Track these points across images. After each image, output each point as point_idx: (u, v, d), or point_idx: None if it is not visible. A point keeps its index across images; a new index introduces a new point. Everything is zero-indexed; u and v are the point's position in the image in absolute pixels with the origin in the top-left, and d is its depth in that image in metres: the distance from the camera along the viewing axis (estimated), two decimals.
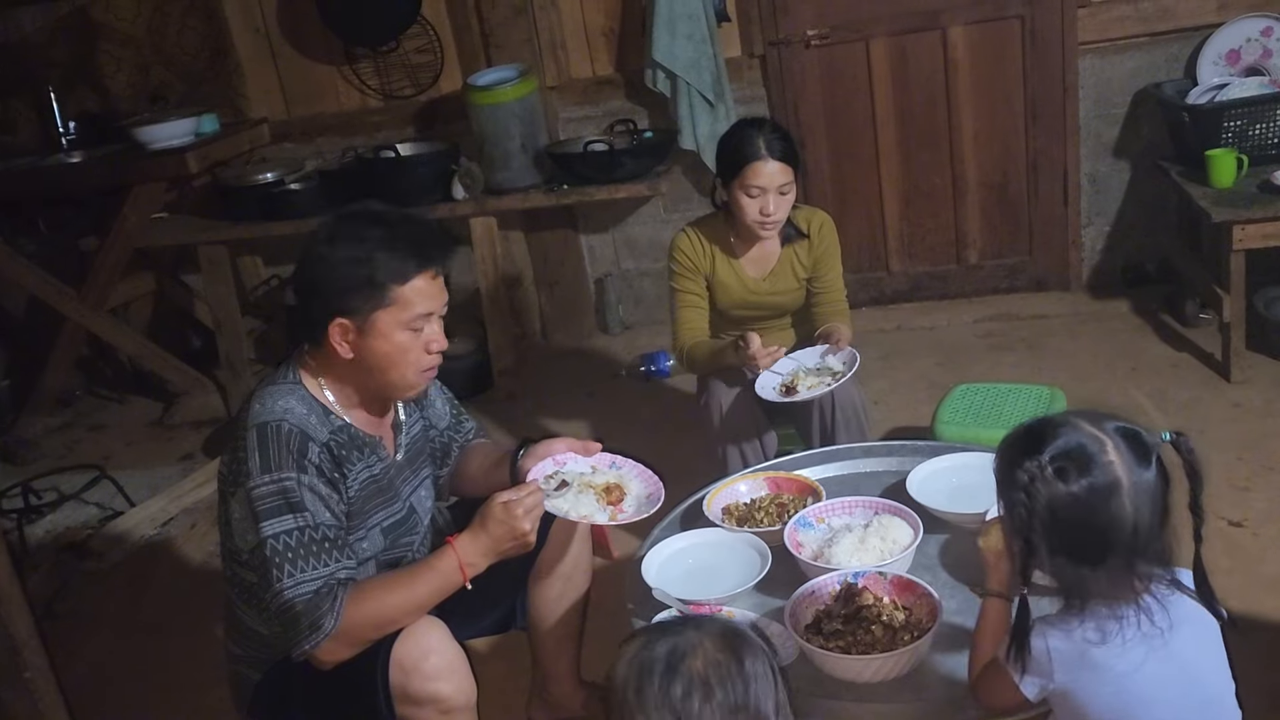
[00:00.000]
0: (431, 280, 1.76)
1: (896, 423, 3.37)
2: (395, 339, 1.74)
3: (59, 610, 2.93)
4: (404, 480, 1.93)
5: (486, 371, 4.05)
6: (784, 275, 2.74)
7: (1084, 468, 1.30)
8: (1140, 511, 1.30)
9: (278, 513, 1.66)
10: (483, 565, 1.73)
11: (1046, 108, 3.88)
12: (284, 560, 1.65)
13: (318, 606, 1.64)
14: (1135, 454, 1.31)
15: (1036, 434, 1.35)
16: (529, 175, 3.86)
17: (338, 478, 1.76)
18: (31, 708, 1.52)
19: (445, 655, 1.71)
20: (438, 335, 1.79)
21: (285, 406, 1.74)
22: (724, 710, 1.09)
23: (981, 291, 4.17)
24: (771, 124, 2.61)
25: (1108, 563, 1.32)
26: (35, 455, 4.04)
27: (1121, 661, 1.32)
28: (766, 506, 2.10)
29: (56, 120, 4.36)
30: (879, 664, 1.61)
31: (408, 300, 1.73)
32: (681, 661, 1.11)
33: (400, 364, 1.76)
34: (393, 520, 1.89)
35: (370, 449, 1.84)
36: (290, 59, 4.34)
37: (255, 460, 1.68)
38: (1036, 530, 1.32)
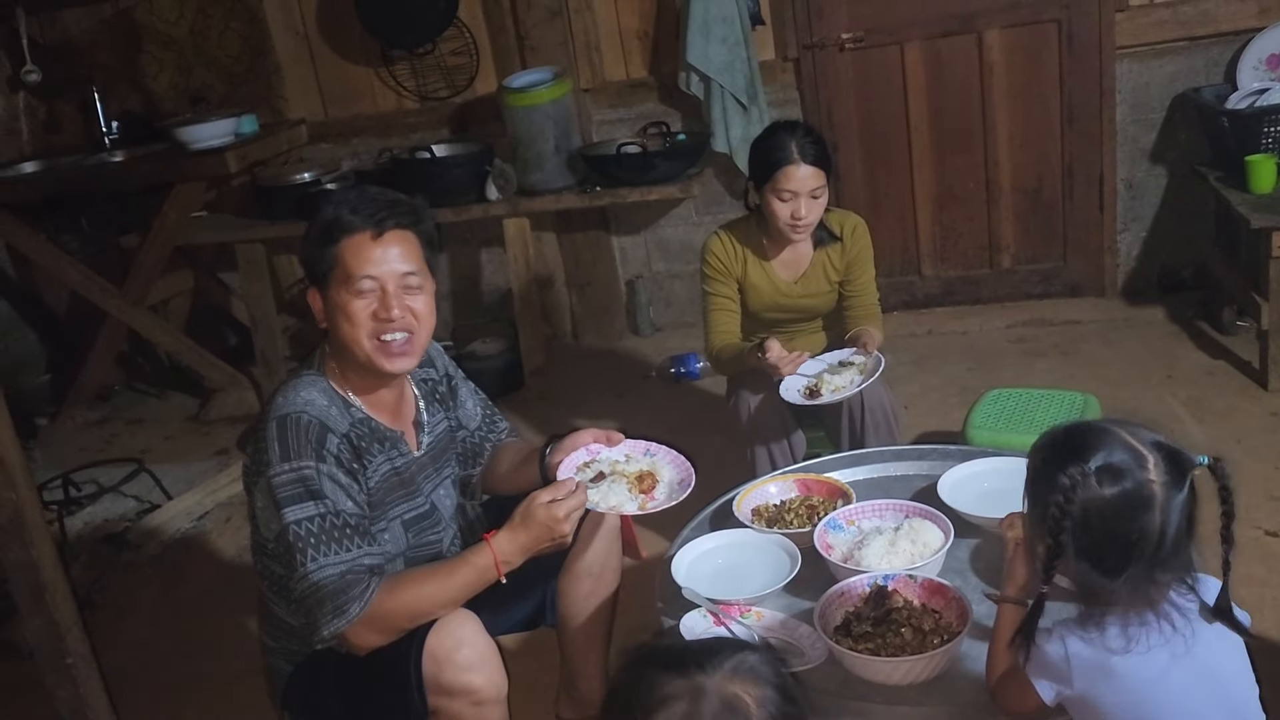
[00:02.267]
0: (375, 241, 1.75)
1: (927, 427, 3.35)
2: (345, 306, 1.75)
3: (96, 600, 2.99)
4: (426, 477, 1.95)
5: (517, 371, 4.08)
6: (816, 278, 2.74)
7: (1124, 481, 1.31)
8: (1168, 528, 1.31)
9: (299, 499, 1.68)
10: (517, 562, 1.76)
11: (1083, 112, 3.85)
12: (307, 545, 1.67)
13: (344, 591, 1.66)
14: (1173, 474, 1.32)
15: (1081, 440, 1.36)
16: (562, 177, 3.88)
17: (357, 468, 1.78)
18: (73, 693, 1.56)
19: (478, 647, 1.73)
20: (390, 305, 1.75)
21: (307, 398, 1.76)
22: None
23: (1015, 296, 4.14)
24: (805, 128, 2.61)
25: (1127, 573, 1.33)
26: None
27: (1144, 669, 1.32)
28: (796, 508, 2.10)
29: (100, 120, 4.45)
30: (908, 666, 1.61)
31: (345, 261, 1.74)
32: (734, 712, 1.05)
33: (355, 335, 1.76)
34: (414, 514, 1.90)
35: (391, 443, 1.86)
36: (328, 61, 4.39)
37: (275, 450, 1.71)
38: (1066, 533, 1.33)
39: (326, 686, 1.83)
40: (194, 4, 4.39)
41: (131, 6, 4.44)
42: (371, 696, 1.77)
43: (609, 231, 4.36)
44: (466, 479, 2.12)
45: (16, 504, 1.46)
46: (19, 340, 4.66)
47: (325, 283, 1.77)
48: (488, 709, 1.75)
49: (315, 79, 4.44)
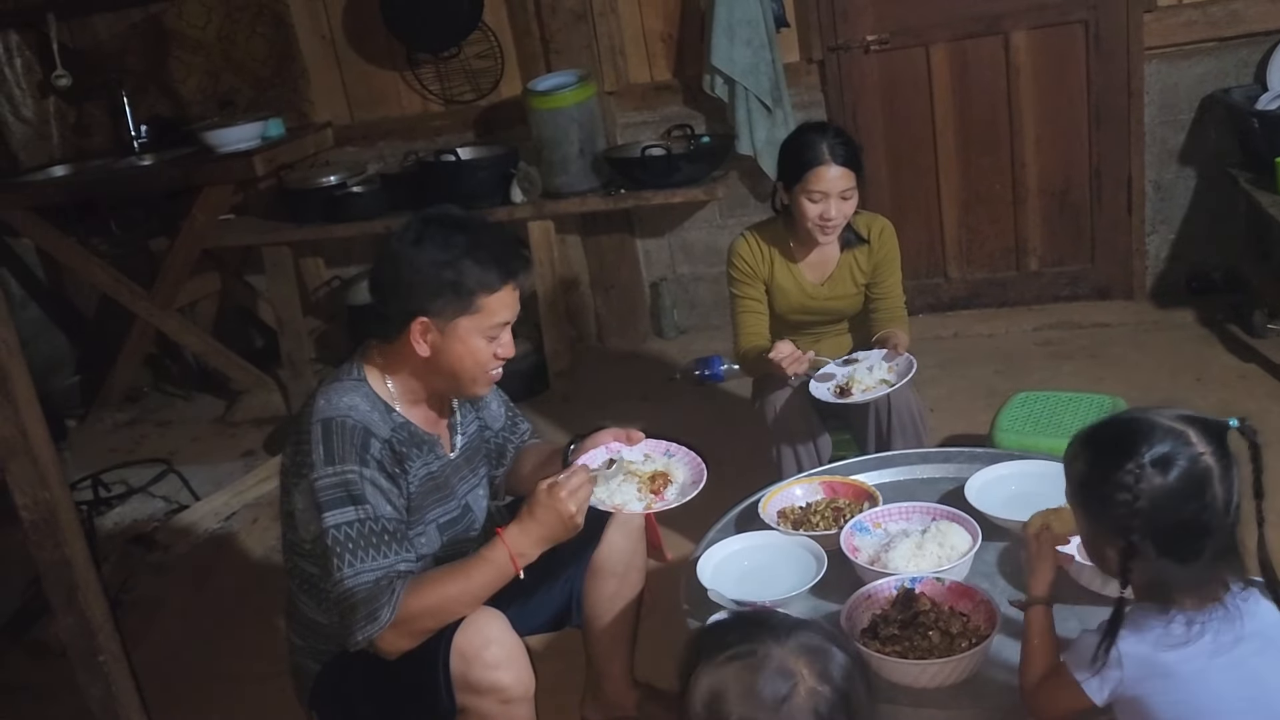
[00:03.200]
0: (512, 292, 1.81)
1: (954, 430, 3.33)
2: (472, 344, 1.79)
3: (125, 599, 3.01)
4: (461, 479, 1.97)
5: (542, 374, 4.09)
6: (843, 280, 2.73)
7: (1180, 463, 1.30)
8: (1227, 498, 1.31)
9: (340, 504, 1.70)
10: (534, 553, 1.76)
11: (1110, 113, 3.82)
12: (344, 550, 1.69)
13: (376, 597, 1.68)
14: (1216, 442, 1.32)
15: (1122, 435, 1.35)
16: (587, 179, 3.89)
17: (398, 473, 1.80)
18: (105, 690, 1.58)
19: (505, 645, 1.75)
20: (508, 342, 1.85)
21: (350, 403, 1.78)
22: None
23: (1042, 299, 4.11)
24: (836, 129, 2.61)
25: (1203, 556, 1.32)
26: None
27: (1190, 665, 1.31)
28: (822, 511, 2.10)
29: (129, 124, 4.50)
30: (935, 669, 1.60)
31: (492, 309, 1.78)
32: (784, 701, 1.09)
33: (472, 367, 1.82)
34: (449, 518, 1.92)
35: (429, 447, 1.88)
36: (354, 64, 4.42)
37: (319, 453, 1.73)
38: (1139, 530, 1.31)
39: (354, 685, 1.84)
40: (222, 9, 4.43)
41: (160, 12, 4.48)
42: (400, 695, 1.78)
43: (633, 234, 4.36)
44: (490, 480, 2.13)
45: (50, 503, 1.48)
46: (49, 342, 4.72)
47: (450, 319, 1.77)
48: (515, 707, 1.76)
49: (341, 82, 4.46)
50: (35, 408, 1.45)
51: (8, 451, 1.44)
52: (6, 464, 1.45)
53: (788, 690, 1.08)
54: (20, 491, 1.47)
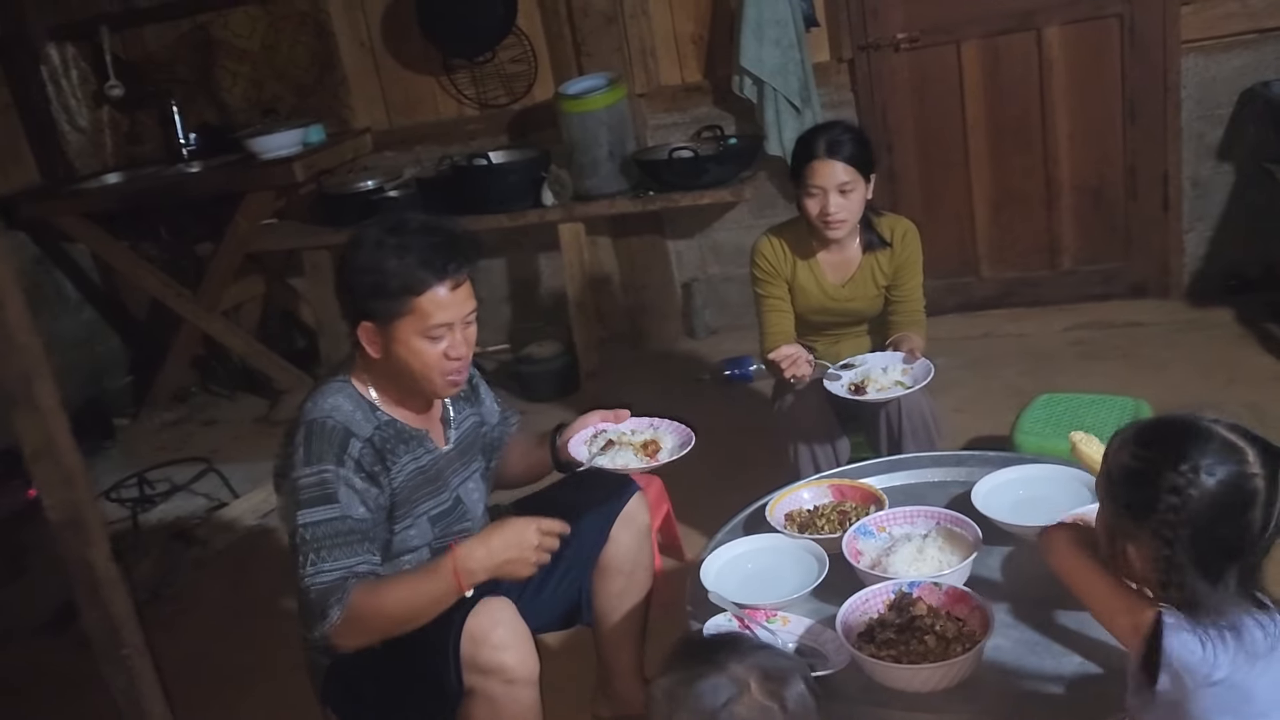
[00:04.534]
0: (450, 291, 1.79)
1: (978, 431, 3.32)
2: (413, 345, 1.81)
3: (166, 593, 3.14)
4: (454, 471, 2.01)
5: (573, 374, 4.15)
6: (864, 282, 2.74)
7: (1233, 478, 1.27)
8: (1269, 524, 1.28)
9: (314, 502, 1.77)
10: (480, 574, 1.77)
11: (1146, 109, 3.77)
12: (310, 549, 1.75)
13: (328, 595, 1.73)
14: (1271, 465, 1.29)
15: (1176, 437, 1.32)
16: (616, 182, 3.93)
17: (379, 471, 1.85)
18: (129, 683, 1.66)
19: (512, 628, 1.80)
20: (459, 342, 1.83)
21: (334, 404, 1.84)
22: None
23: (1075, 298, 4.07)
24: (841, 126, 2.63)
25: (1227, 576, 1.30)
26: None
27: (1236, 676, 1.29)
28: (828, 514, 2.12)
29: (178, 132, 4.64)
30: (928, 674, 1.62)
31: (424, 310, 1.78)
32: (728, 704, 1.13)
33: (421, 369, 1.84)
34: (440, 510, 1.97)
35: (417, 442, 1.93)
36: (392, 71, 4.51)
37: (301, 453, 1.80)
38: (1181, 537, 1.28)
39: (364, 675, 1.90)
40: (266, 18, 4.54)
41: (207, 22, 4.61)
42: (409, 680, 1.84)
43: (664, 235, 4.39)
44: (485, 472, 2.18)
45: (75, 503, 1.56)
46: (104, 344, 4.89)
47: (387, 322, 1.79)
48: (519, 688, 1.81)
49: (380, 88, 4.56)
50: (60, 413, 1.53)
51: (34, 455, 1.53)
52: (34, 467, 1.53)
53: (730, 696, 1.11)
54: (47, 492, 1.55)
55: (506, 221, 4.03)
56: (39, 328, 4.08)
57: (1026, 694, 1.63)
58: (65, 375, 4.60)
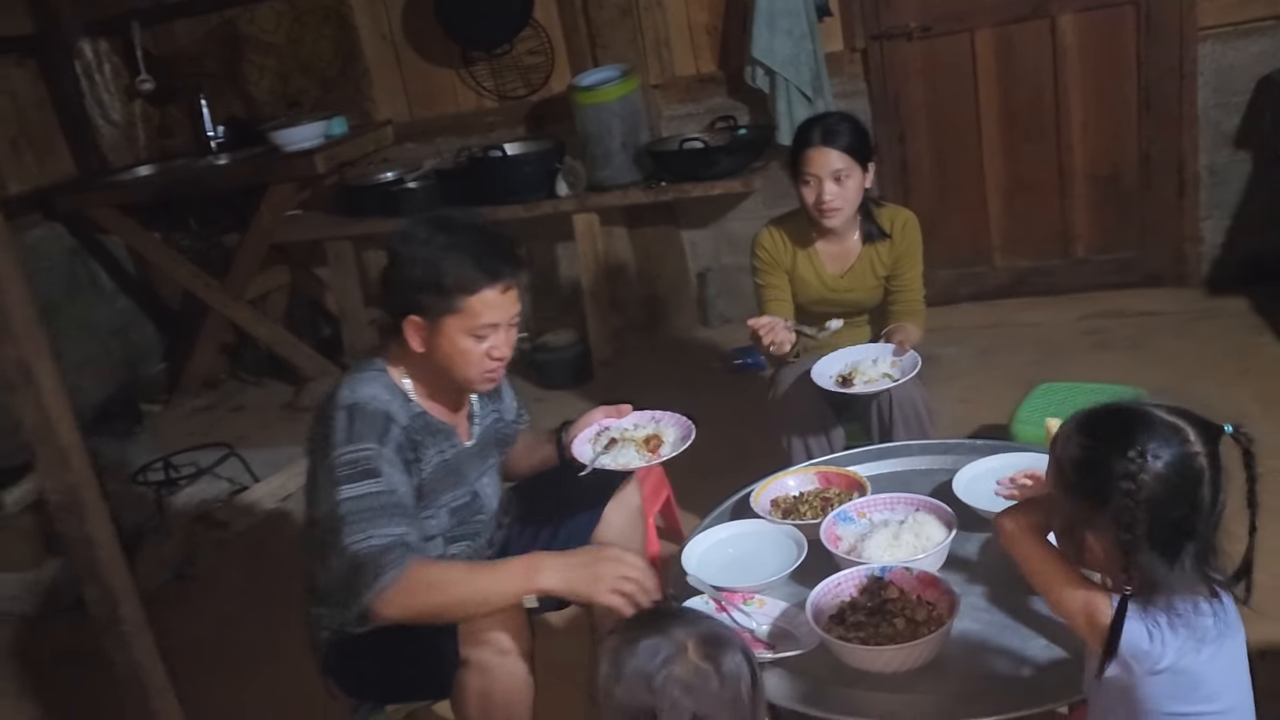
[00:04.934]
0: (501, 293, 1.86)
1: (983, 420, 3.33)
2: (459, 343, 1.86)
3: (189, 574, 3.25)
4: (473, 467, 2.07)
5: (587, 362, 4.21)
6: (863, 273, 2.76)
7: (1174, 457, 1.30)
8: (1217, 501, 1.31)
9: (356, 478, 1.78)
10: (551, 580, 1.76)
11: (1161, 96, 3.74)
12: (356, 519, 1.76)
13: (382, 557, 1.73)
14: (1211, 443, 1.31)
15: (1122, 425, 1.33)
16: (629, 172, 3.98)
17: (412, 459, 1.90)
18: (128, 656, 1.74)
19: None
20: (501, 343, 1.90)
21: (372, 393, 1.89)
22: (701, 706, 1.17)
23: (1090, 287, 4.05)
24: (836, 115, 2.66)
25: (1183, 557, 1.31)
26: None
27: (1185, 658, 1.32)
28: (811, 500, 2.16)
29: (207, 125, 4.76)
30: (891, 654, 1.66)
31: (474, 310, 1.84)
32: (665, 663, 1.19)
33: (462, 366, 1.89)
34: (459, 503, 2.03)
35: (444, 436, 1.98)
36: (413, 64, 4.59)
37: (342, 433, 1.82)
38: (1141, 522, 1.29)
39: (365, 648, 1.96)
40: (291, 13, 4.64)
41: (234, 17, 4.72)
42: (408, 652, 1.89)
43: (679, 225, 4.43)
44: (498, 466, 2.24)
45: (73, 485, 1.64)
46: (138, 332, 5.03)
47: (436, 318, 1.84)
48: (511, 660, 1.85)
49: (401, 81, 4.63)
50: (61, 399, 1.61)
51: (36, 439, 1.61)
52: (34, 450, 1.61)
53: (667, 656, 1.17)
54: (47, 474, 1.63)
55: (522, 212, 4.09)
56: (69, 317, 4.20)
57: (992, 675, 1.66)
58: (100, 362, 4.76)
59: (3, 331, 1.54)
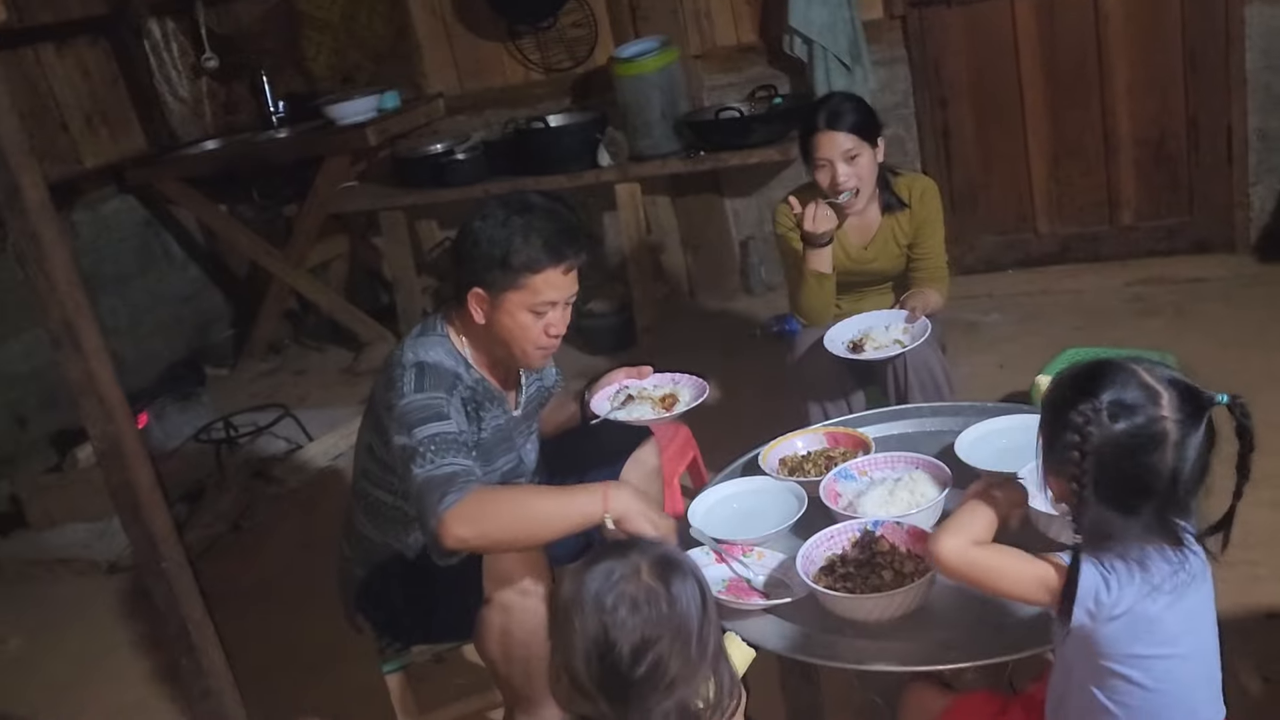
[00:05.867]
0: (563, 274, 1.95)
1: (1019, 386, 3.33)
2: (519, 318, 1.96)
3: (245, 525, 3.44)
4: (520, 433, 2.20)
5: (630, 328, 4.30)
6: (885, 242, 2.80)
7: (1135, 416, 1.31)
8: (1182, 467, 1.31)
9: (427, 420, 1.87)
10: (625, 503, 1.83)
11: (1207, 60, 3.67)
12: (428, 451, 1.83)
13: (452, 479, 1.80)
14: (1188, 410, 1.31)
15: (1092, 376, 1.35)
16: (669, 142, 4.04)
17: (473, 418, 2.01)
18: (168, 591, 1.89)
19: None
20: (558, 321, 2.00)
21: (436, 356, 2.00)
22: (648, 625, 1.24)
23: (1136, 253, 4.01)
24: (841, 95, 2.69)
25: (1140, 513, 1.34)
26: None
27: (1145, 609, 1.35)
28: (816, 459, 2.22)
29: (268, 100, 4.94)
30: (873, 603, 1.72)
31: (536, 288, 1.94)
32: (617, 583, 1.27)
33: (520, 340, 1.99)
34: (509, 467, 2.16)
35: (499, 403, 2.10)
36: (462, 37, 4.69)
37: (411, 385, 1.92)
38: (1087, 473, 1.32)
39: (395, 584, 2.10)
40: None
41: None
42: (438, 593, 2.02)
43: (721, 194, 4.48)
44: None
45: (115, 435, 1.78)
46: (207, 300, 5.27)
47: (500, 292, 1.93)
48: (531, 600, 1.96)
49: (451, 55, 4.75)
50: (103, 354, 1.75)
51: (80, 392, 1.76)
52: (79, 401, 1.77)
53: (621, 575, 1.25)
54: (91, 424, 1.78)
55: (565, 182, 4.18)
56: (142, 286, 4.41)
57: (975, 625, 1.71)
58: (171, 329, 5.00)
59: (49, 294, 1.68)
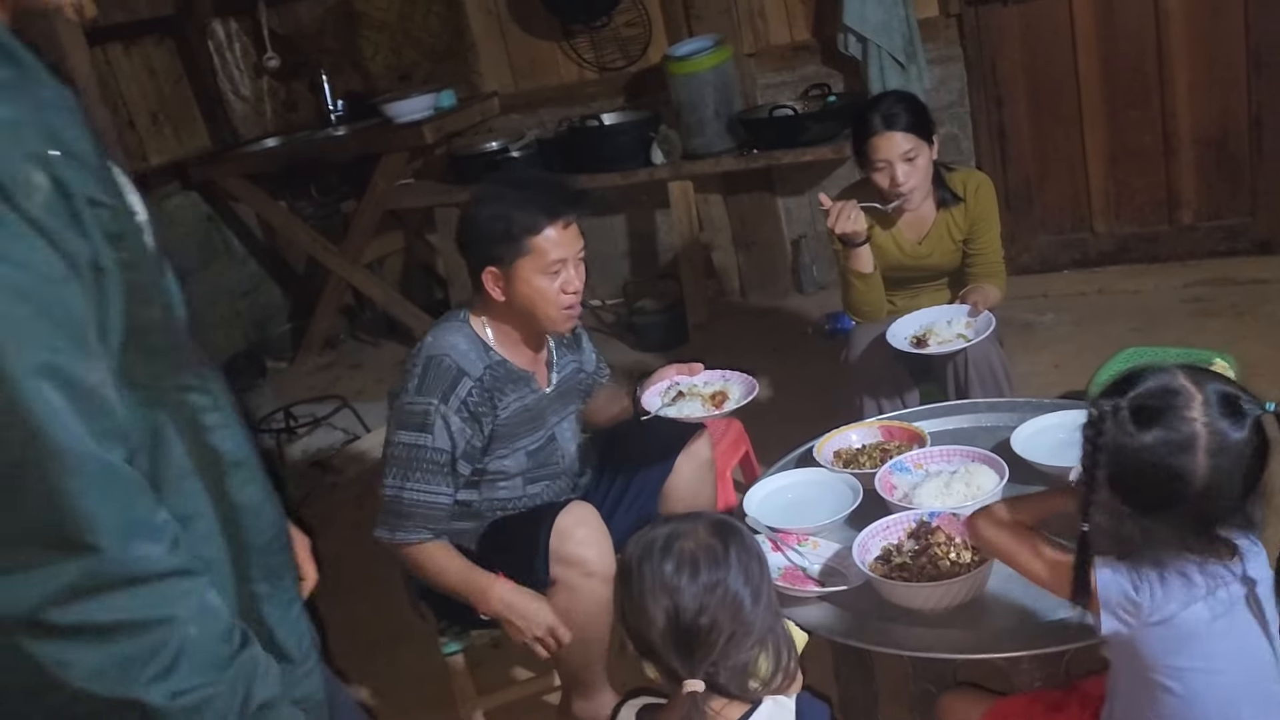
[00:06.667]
0: (563, 230, 2.03)
1: (1074, 386, 3.31)
2: (535, 283, 2.03)
3: (304, 514, 3.51)
4: (553, 411, 2.23)
5: (682, 326, 4.32)
6: (940, 238, 2.80)
7: (1160, 417, 1.28)
8: (1218, 473, 1.27)
9: (410, 427, 2.03)
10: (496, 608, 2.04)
11: (1273, 57, 3.61)
12: (397, 465, 2.04)
13: (401, 518, 2.04)
14: (1226, 415, 1.27)
15: (1129, 376, 1.34)
16: (722, 140, 4.06)
17: (484, 411, 2.07)
18: None
19: (593, 528, 2.05)
20: (573, 278, 2.07)
21: (451, 342, 2.07)
22: (705, 587, 1.29)
23: (1196, 254, 3.95)
24: (894, 96, 2.69)
25: (1166, 517, 1.30)
26: None
27: (1183, 622, 1.33)
28: (871, 452, 2.23)
29: (327, 99, 5.03)
30: (929, 591, 1.74)
31: (541, 249, 2.01)
32: (676, 542, 1.33)
33: (542, 304, 2.05)
34: (536, 446, 2.19)
35: (524, 382, 2.15)
36: (517, 37, 4.74)
37: (415, 383, 2.05)
38: (1100, 467, 1.31)
39: None
40: None
41: None
42: (504, 570, 2.08)
43: (774, 193, 4.49)
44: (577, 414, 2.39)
45: None
46: (266, 294, 5.38)
47: (510, 263, 2.01)
48: (596, 582, 2.03)
49: (506, 54, 4.80)
50: None
51: None
52: None
53: (681, 534, 1.32)
54: None
55: (619, 180, 4.22)
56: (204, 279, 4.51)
57: (1028, 616, 1.72)
58: (231, 322, 5.11)
59: None
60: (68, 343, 0.89)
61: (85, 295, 0.91)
